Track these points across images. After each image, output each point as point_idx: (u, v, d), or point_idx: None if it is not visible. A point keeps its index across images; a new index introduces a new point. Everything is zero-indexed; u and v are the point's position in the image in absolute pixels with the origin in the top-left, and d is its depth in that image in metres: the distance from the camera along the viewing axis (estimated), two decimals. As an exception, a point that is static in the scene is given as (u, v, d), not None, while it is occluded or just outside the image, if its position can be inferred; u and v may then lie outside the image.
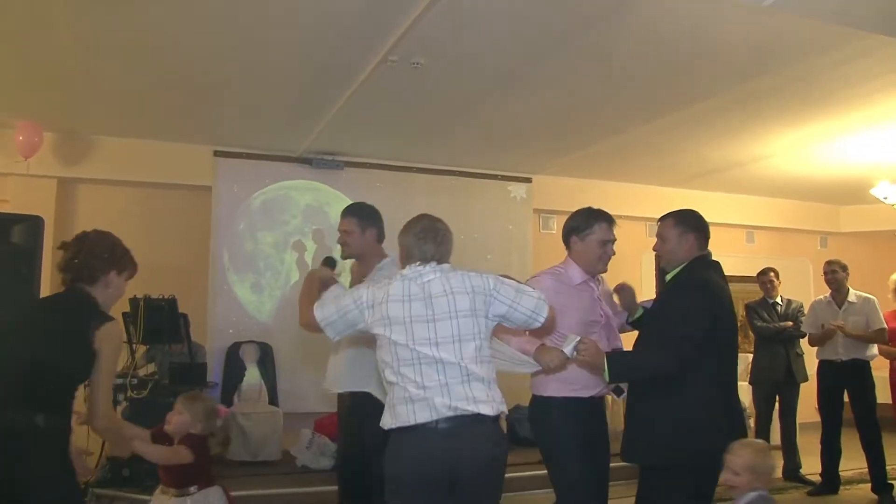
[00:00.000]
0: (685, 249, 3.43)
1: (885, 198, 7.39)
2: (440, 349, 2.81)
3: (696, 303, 3.25)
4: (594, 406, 3.59)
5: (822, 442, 6.30)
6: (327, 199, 7.83)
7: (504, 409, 2.87)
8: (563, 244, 3.68)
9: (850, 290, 6.28)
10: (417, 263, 2.97)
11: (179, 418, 3.58)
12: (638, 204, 9.03)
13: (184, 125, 6.97)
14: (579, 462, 3.40)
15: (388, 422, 2.87)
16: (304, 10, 4.50)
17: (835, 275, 6.30)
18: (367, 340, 3.39)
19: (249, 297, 7.54)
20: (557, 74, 5.50)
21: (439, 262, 2.98)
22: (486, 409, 2.81)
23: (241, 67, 5.50)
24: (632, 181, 8.93)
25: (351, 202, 7.74)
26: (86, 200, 7.37)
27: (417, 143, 7.48)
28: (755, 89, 5.74)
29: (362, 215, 4.09)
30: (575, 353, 3.12)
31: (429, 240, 2.98)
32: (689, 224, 3.45)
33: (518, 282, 3.10)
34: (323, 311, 3.00)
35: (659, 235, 3.49)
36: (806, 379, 6.78)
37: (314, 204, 7.81)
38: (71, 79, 5.70)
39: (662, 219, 3.53)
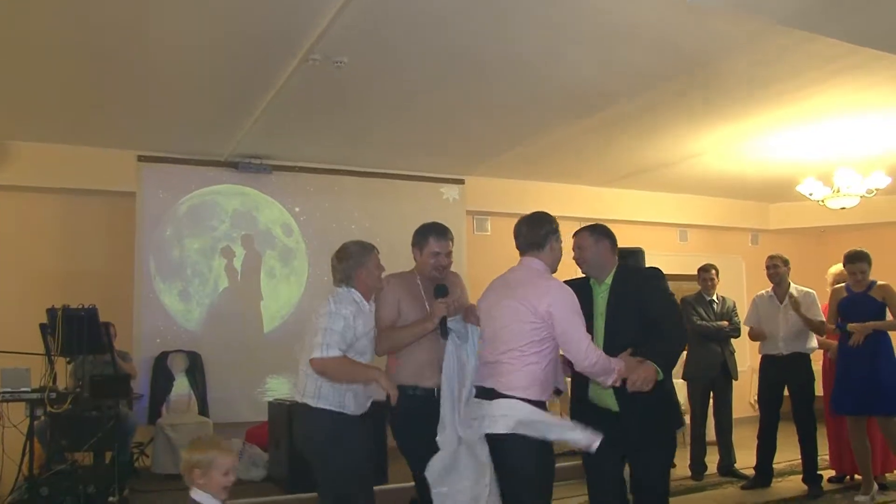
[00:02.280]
0: (603, 254, 3.79)
1: (811, 194, 7.51)
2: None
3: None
4: None
5: (760, 436, 6.36)
6: (256, 203, 7.67)
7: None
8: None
9: (792, 284, 6.34)
10: None
11: None
12: (572, 204, 9.06)
13: (105, 129, 6.73)
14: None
15: None
16: (222, 9, 4.37)
17: (776, 269, 6.35)
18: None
19: (177, 306, 7.33)
20: (483, 74, 5.45)
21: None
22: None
23: (158, 69, 5.33)
24: (565, 181, 8.95)
25: (281, 207, 7.75)
26: (2, 208, 7.07)
27: (347, 146, 7.36)
28: (679, 88, 5.77)
29: None
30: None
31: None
32: (602, 232, 3.84)
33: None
34: None
35: (577, 246, 3.82)
36: (737, 376, 6.85)
37: (242, 209, 7.63)
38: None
39: (577, 233, 3.87)
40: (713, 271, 6.84)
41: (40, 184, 7.03)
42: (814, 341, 6.26)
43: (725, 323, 6.70)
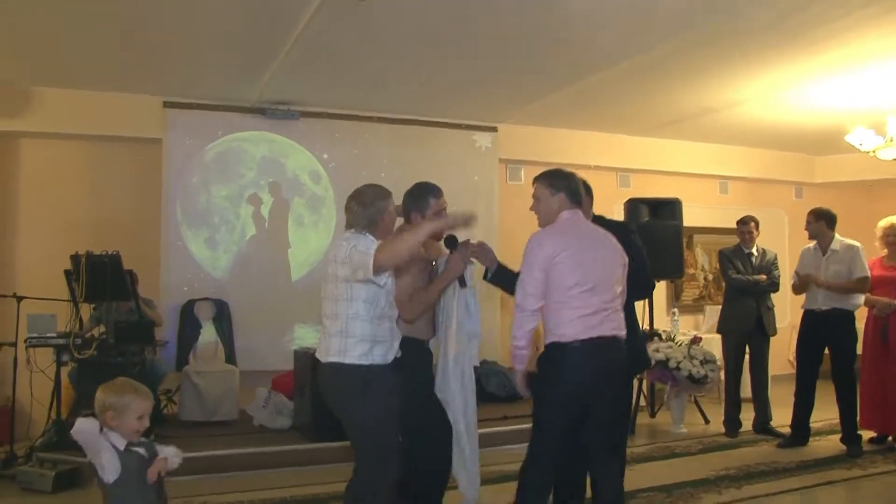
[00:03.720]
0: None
1: (861, 144, 7.15)
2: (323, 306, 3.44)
3: None
4: None
5: (796, 393, 6.16)
6: (283, 150, 7.53)
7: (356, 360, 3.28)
8: (531, 196, 3.79)
9: (836, 237, 6.08)
10: None
11: None
12: (608, 154, 8.83)
13: (131, 75, 6.61)
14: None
15: None
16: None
17: (809, 225, 6.16)
18: None
19: (204, 253, 7.27)
20: (517, 13, 5.19)
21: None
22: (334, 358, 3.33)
23: (183, 11, 5.15)
24: (601, 130, 8.66)
25: (309, 153, 7.62)
26: (29, 155, 7.04)
27: (375, 91, 7.16)
28: (717, 31, 5.46)
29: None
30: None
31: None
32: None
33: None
34: None
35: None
36: (775, 332, 6.64)
37: (269, 155, 7.50)
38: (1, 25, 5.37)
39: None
40: (752, 223, 6.59)
41: (66, 130, 6.95)
42: (859, 298, 5.98)
43: (763, 277, 6.46)
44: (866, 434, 6.03)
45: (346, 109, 7.67)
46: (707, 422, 6.96)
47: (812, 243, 6.22)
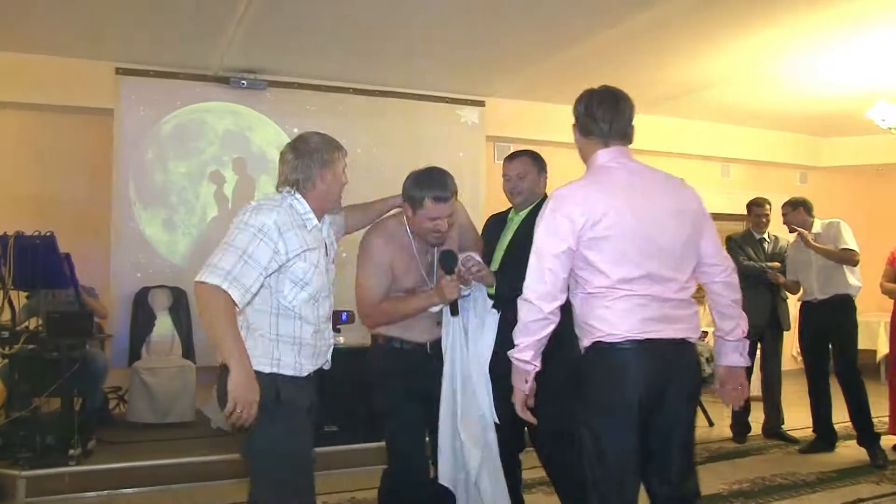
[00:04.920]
0: (542, 187, 3.43)
1: (883, 120, 6.56)
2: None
3: None
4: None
5: (811, 391, 5.62)
6: (249, 123, 6.87)
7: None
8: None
9: (816, 220, 5.60)
10: None
11: None
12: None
13: (79, 37, 5.94)
14: None
15: None
16: None
17: (787, 217, 5.69)
18: None
19: (160, 236, 6.60)
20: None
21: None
22: None
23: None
24: (595, 106, 8.02)
25: (278, 127, 6.95)
26: (-34, 125, 6.36)
27: (351, 59, 6.50)
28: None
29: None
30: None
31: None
32: (543, 164, 3.45)
33: None
34: None
35: (515, 174, 3.39)
36: (789, 327, 6.08)
37: (234, 129, 6.82)
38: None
39: (515, 156, 3.46)
40: (767, 206, 5.97)
41: (6, 98, 6.25)
42: (854, 278, 5.42)
43: (777, 264, 5.87)
44: (888, 440, 5.46)
45: (318, 80, 7.01)
46: (711, 424, 6.37)
47: (793, 237, 5.74)
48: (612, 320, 2.39)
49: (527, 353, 2.44)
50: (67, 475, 4.66)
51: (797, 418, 5.94)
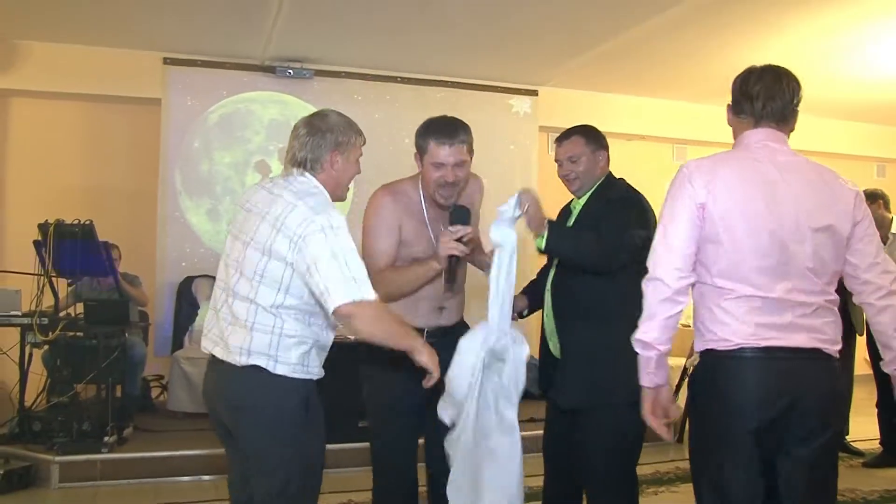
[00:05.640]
0: (602, 168, 2.97)
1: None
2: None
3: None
4: None
5: (880, 401, 5.25)
6: (295, 112, 6.76)
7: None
8: None
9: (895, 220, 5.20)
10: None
11: None
12: (662, 122, 7.88)
13: (127, 27, 5.98)
14: None
15: None
16: None
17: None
18: None
19: (205, 226, 6.60)
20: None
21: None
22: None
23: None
24: (653, 95, 7.71)
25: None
26: (18, 115, 6.50)
27: (398, 48, 6.40)
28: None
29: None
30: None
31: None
32: (599, 140, 2.97)
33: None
34: None
35: (567, 157, 2.96)
36: (863, 332, 5.67)
37: (280, 118, 6.76)
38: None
39: (566, 137, 3.00)
40: (881, 202, 5.38)
41: (55, 88, 6.35)
42: None
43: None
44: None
45: (366, 68, 6.91)
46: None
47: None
48: (726, 322, 2.11)
49: (649, 334, 2.11)
50: (100, 462, 4.66)
51: (863, 429, 5.55)
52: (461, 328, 2.82)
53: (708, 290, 2.15)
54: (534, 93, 7.50)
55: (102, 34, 6.12)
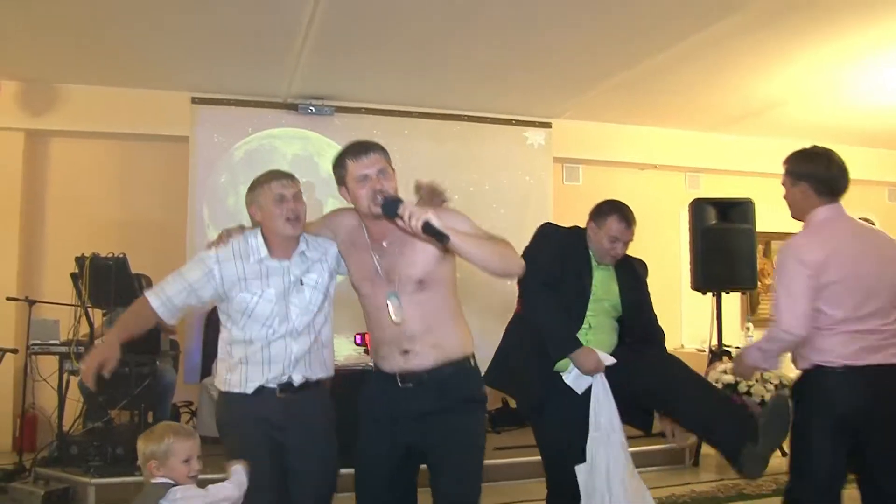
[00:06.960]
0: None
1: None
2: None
3: None
4: None
5: None
6: (317, 148, 7.08)
7: None
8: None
9: None
10: None
11: None
12: (674, 151, 8.07)
13: (157, 70, 6.33)
14: None
15: None
16: None
17: None
18: None
19: (232, 258, 6.85)
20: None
21: None
22: None
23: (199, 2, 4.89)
24: (665, 125, 7.92)
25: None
26: (57, 154, 6.84)
27: (416, 83, 6.67)
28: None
29: None
30: None
31: None
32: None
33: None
34: None
35: (627, 240, 3.40)
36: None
37: (303, 154, 7.05)
38: (26, 23, 5.21)
39: (633, 221, 3.42)
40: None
41: (91, 128, 6.72)
42: None
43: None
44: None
45: (384, 104, 7.19)
46: (784, 454, 6.12)
47: None
48: (829, 349, 2.79)
49: (768, 355, 2.94)
50: (133, 485, 4.87)
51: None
52: (446, 370, 2.69)
53: (813, 331, 2.89)
54: (547, 125, 7.72)
55: (134, 76, 6.45)
